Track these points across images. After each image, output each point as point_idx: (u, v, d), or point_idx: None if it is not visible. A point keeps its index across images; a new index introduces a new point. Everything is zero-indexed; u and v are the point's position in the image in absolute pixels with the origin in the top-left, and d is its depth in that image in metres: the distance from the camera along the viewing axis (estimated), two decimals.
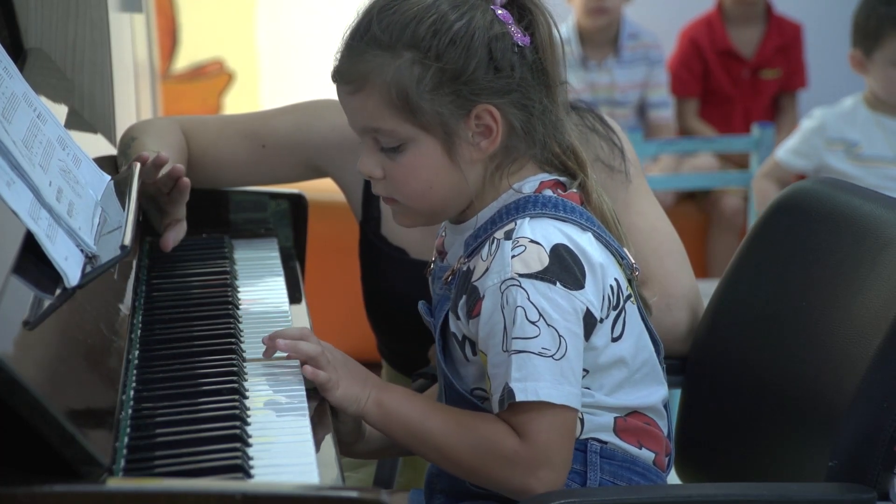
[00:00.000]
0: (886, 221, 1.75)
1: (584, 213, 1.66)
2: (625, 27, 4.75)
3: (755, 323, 1.88)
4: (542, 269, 1.58)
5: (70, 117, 1.97)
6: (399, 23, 1.61)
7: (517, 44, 1.63)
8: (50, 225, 1.51)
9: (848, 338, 1.70)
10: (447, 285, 1.69)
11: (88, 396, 1.40)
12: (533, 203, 1.63)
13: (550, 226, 1.62)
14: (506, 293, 1.58)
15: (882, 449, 1.63)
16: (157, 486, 1.31)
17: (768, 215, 1.92)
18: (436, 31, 1.61)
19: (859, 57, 3.80)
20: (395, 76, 1.61)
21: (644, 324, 1.71)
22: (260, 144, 2.19)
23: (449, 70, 1.60)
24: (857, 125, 3.85)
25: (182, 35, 5.67)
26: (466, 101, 1.61)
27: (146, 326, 1.79)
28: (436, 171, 1.64)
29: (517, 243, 1.60)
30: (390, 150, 1.64)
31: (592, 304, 1.60)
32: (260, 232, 2.26)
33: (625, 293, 1.66)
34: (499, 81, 1.62)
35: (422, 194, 1.65)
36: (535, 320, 1.57)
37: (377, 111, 1.63)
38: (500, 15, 1.64)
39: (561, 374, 1.57)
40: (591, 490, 1.63)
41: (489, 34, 1.62)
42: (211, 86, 5.71)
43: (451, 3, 1.62)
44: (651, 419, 1.70)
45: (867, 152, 3.83)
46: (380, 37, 1.62)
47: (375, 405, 1.65)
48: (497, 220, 1.64)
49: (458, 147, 1.63)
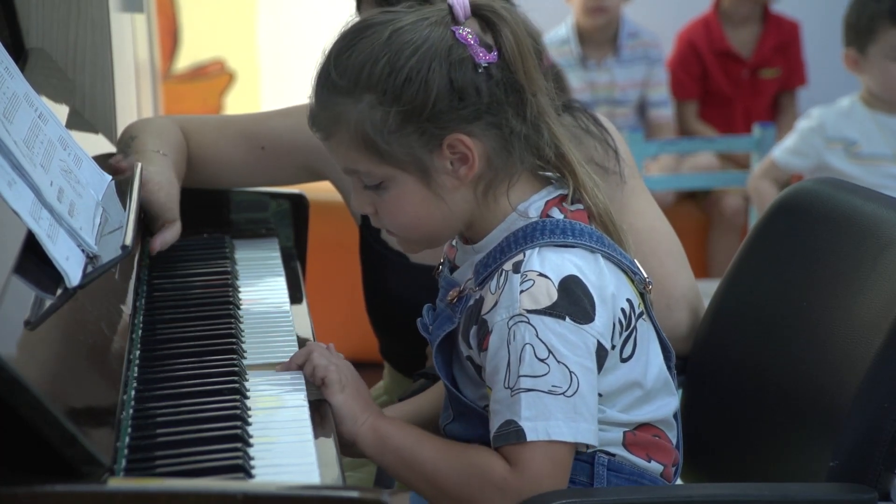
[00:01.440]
0: (887, 221, 1.75)
1: (593, 232, 1.63)
2: (624, 26, 4.75)
3: (756, 323, 1.88)
4: (551, 305, 1.56)
5: (71, 117, 1.97)
6: (355, 66, 1.59)
7: (481, 64, 1.58)
8: (51, 225, 1.51)
9: (849, 338, 1.70)
10: (452, 306, 1.68)
11: (89, 396, 1.40)
12: (541, 231, 1.60)
13: (558, 256, 1.59)
14: (513, 329, 1.56)
15: (883, 449, 1.63)
16: (158, 486, 1.31)
17: (769, 215, 1.92)
18: (391, 71, 1.57)
19: (854, 56, 3.80)
20: (358, 121, 1.59)
21: (656, 333, 1.70)
22: (259, 146, 2.19)
23: (408, 110, 1.57)
24: (855, 124, 3.85)
25: (183, 35, 5.67)
26: (434, 135, 1.58)
27: (147, 326, 1.79)
28: (420, 204, 1.62)
29: (525, 277, 1.57)
30: (374, 188, 1.63)
31: (602, 336, 1.58)
32: (261, 232, 2.26)
33: (637, 311, 1.65)
34: (465, 109, 1.58)
35: (412, 226, 1.64)
36: (545, 357, 1.55)
37: (350, 155, 1.61)
38: (459, 36, 1.58)
39: (574, 411, 1.55)
40: (591, 490, 1.63)
41: (448, 61, 1.57)
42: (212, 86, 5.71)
43: (407, 36, 1.58)
44: (661, 431, 1.69)
45: (866, 151, 3.84)
46: (338, 82, 1.60)
47: (371, 430, 1.64)
48: (506, 249, 1.62)
49: (436, 178, 1.60)
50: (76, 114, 2.12)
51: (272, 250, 2.20)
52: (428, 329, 1.72)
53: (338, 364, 1.67)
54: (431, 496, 1.64)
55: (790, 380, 1.79)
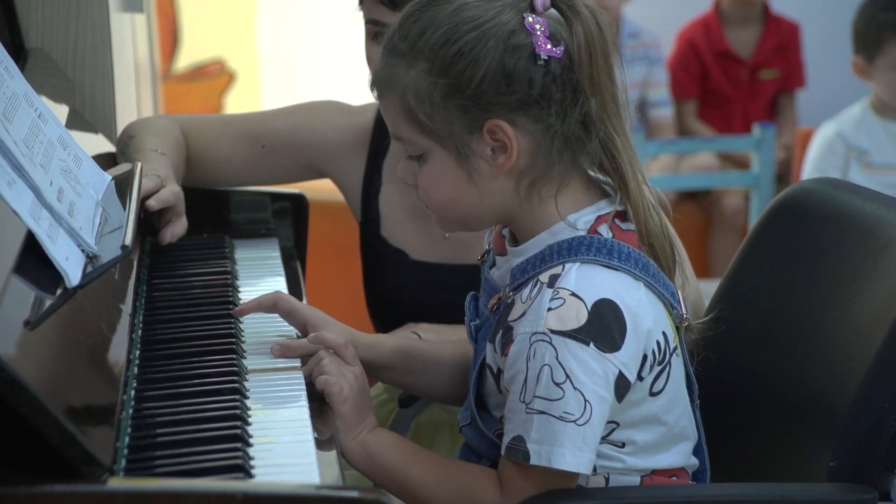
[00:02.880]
0: (888, 221, 1.74)
1: (640, 258, 1.57)
2: (624, 26, 4.75)
3: (756, 323, 1.88)
4: (578, 328, 1.51)
5: (71, 117, 1.97)
6: (416, 32, 1.56)
7: (540, 56, 1.54)
8: (51, 225, 1.51)
9: (849, 338, 1.70)
10: (492, 313, 1.64)
11: (89, 396, 1.40)
12: (587, 247, 1.55)
13: (599, 276, 1.54)
14: (534, 346, 1.52)
15: (883, 449, 1.63)
16: (158, 486, 1.31)
17: (769, 215, 1.92)
18: (445, 42, 1.54)
19: (861, 64, 3.80)
20: (407, 87, 1.56)
21: (685, 371, 1.66)
22: (259, 144, 2.19)
23: (454, 84, 1.54)
24: (866, 133, 3.84)
25: (183, 35, 5.67)
26: (476, 116, 1.55)
27: (147, 326, 1.79)
28: (454, 184, 1.58)
29: (557, 294, 1.52)
30: (415, 159, 1.60)
31: (626, 367, 1.53)
32: (261, 232, 2.26)
33: (671, 346, 1.60)
34: (511, 96, 1.54)
35: (445, 205, 1.61)
36: (561, 382, 1.51)
37: (396, 120, 1.59)
38: (527, 24, 1.54)
39: (582, 441, 1.52)
40: (592, 490, 1.63)
41: (504, 45, 1.53)
42: (212, 86, 5.71)
43: (473, 11, 1.55)
44: (680, 470, 1.67)
45: (877, 160, 3.83)
46: (399, 45, 1.58)
47: (359, 446, 1.63)
48: (547, 258, 1.57)
49: (474, 162, 1.56)
50: (76, 114, 2.12)
51: (272, 250, 2.20)
52: (472, 330, 1.69)
53: (346, 375, 1.65)
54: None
55: (790, 380, 1.79)
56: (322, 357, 1.68)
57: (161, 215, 1.98)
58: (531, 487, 1.56)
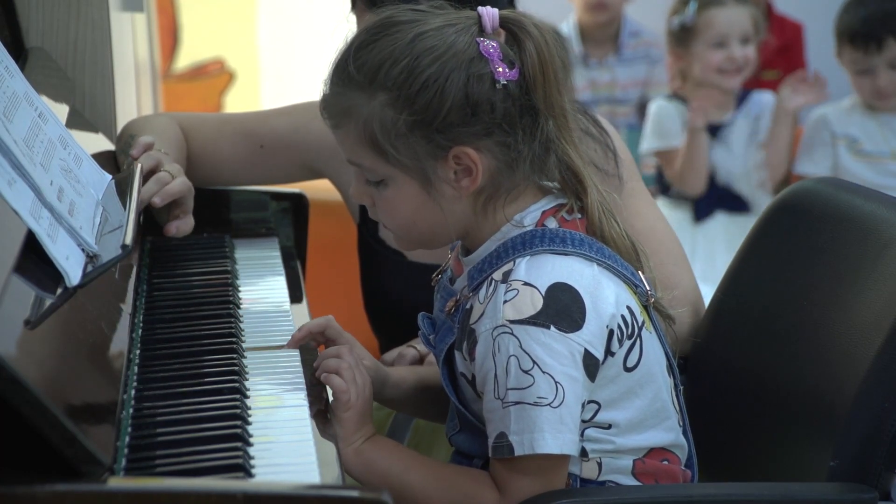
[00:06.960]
0: (888, 221, 1.74)
1: (593, 243, 1.60)
2: (626, 25, 4.75)
3: (756, 323, 1.88)
4: (536, 314, 1.54)
5: (71, 116, 1.97)
6: (374, 63, 1.57)
7: (499, 81, 1.56)
8: (51, 224, 1.51)
9: (849, 337, 1.70)
10: (450, 316, 1.66)
11: (90, 395, 1.40)
12: (539, 239, 1.59)
13: (549, 263, 1.57)
14: (497, 340, 1.55)
15: (884, 449, 1.63)
16: (158, 486, 1.31)
17: (769, 215, 1.92)
18: (408, 76, 1.55)
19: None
20: (368, 118, 1.57)
21: (664, 353, 1.67)
22: (258, 144, 2.19)
23: (420, 116, 1.55)
24: (856, 122, 3.87)
25: (183, 34, 5.67)
26: (441, 144, 1.56)
27: (147, 326, 1.79)
28: (416, 208, 1.60)
29: (510, 287, 1.55)
30: (375, 184, 1.61)
31: (591, 345, 1.55)
32: (261, 231, 2.26)
33: (639, 320, 1.61)
34: (476, 125, 1.56)
35: (407, 228, 1.63)
36: (529, 369, 1.53)
37: (355, 149, 1.60)
38: (483, 49, 1.56)
39: (560, 422, 1.54)
40: (592, 490, 1.63)
41: (466, 74, 1.55)
42: (212, 85, 5.72)
43: (430, 41, 1.56)
44: (672, 454, 1.68)
45: (868, 148, 3.85)
46: (354, 76, 1.58)
47: (355, 453, 1.63)
48: (498, 258, 1.60)
49: (437, 186, 1.58)
50: (76, 113, 2.12)
51: (272, 250, 2.20)
52: (430, 342, 1.70)
53: (358, 383, 1.65)
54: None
55: (790, 379, 1.79)
56: (342, 356, 1.67)
57: (168, 209, 1.97)
58: (526, 480, 1.57)
